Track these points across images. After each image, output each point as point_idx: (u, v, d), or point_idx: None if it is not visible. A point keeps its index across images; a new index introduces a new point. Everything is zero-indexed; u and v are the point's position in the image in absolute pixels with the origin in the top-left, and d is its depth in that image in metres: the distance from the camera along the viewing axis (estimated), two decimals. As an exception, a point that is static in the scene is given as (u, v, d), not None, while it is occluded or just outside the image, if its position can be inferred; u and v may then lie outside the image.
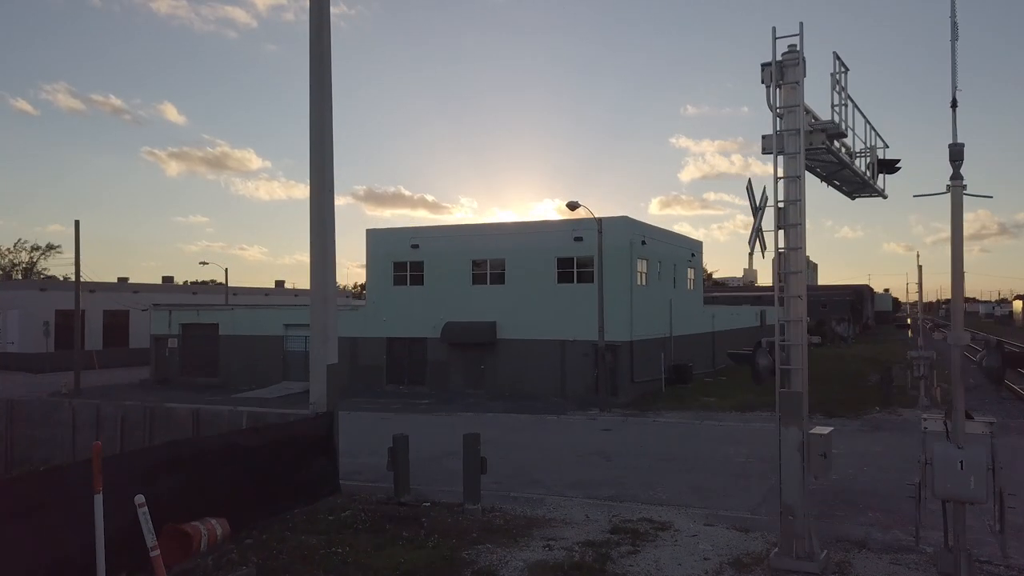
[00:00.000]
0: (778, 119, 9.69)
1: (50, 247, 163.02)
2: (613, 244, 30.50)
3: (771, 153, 9.74)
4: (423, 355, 35.20)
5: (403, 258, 35.70)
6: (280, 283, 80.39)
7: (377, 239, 36.74)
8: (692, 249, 41.39)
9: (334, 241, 15.62)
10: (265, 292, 71.81)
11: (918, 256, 67.23)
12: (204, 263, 66.20)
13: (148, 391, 38.31)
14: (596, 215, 30.04)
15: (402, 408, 29.86)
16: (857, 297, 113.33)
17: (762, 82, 9.69)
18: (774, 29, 9.57)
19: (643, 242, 32.83)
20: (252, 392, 35.91)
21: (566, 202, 26.44)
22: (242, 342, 39.38)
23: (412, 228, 36.25)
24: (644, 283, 33.40)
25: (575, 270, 32.32)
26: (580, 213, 27.70)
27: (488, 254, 34.04)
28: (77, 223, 36.53)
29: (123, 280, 63.37)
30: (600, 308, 27.80)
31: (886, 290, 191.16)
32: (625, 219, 32.42)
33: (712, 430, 23.63)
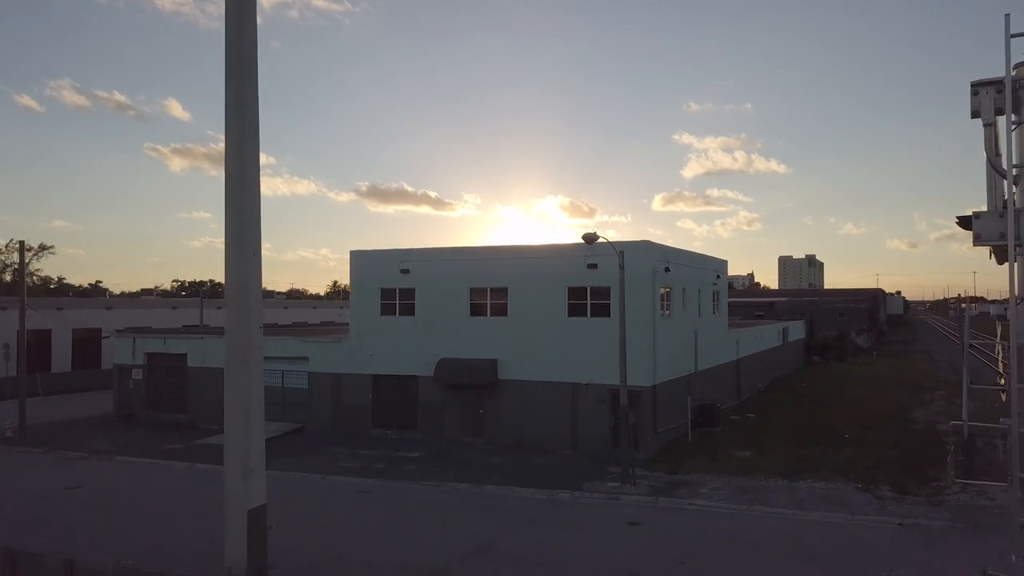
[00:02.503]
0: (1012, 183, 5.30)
1: (43, 247, 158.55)
2: (633, 273, 26.11)
3: (989, 244, 5.37)
4: (414, 395, 30.88)
5: (391, 284, 31.35)
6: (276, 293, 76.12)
7: (361, 262, 32.39)
8: (717, 270, 36.99)
9: (259, 251, 10.31)
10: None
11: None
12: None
13: (107, 430, 34.08)
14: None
15: (385, 469, 25.48)
16: (873, 303, 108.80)
17: (975, 115, 5.31)
18: (1007, 18, 5.15)
19: (666, 269, 28.44)
20: (220, 436, 31.54)
21: (582, 236, 22.00)
22: (213, 375, 34.99)
23: (401, 250, 31.88)
24: (667, 315, 29.03)
25: (588, 301, 27.96)
26: (592, 236, 23.28)
27: (488, 281, 29.67)
28: (22, 244, 32.20)
29: (97, 285, 59.25)
30: (622, 351, 23.44)
31: (897, 292, 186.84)
32: (647, 244, 28.05)
33: (770, 530, 18.56)
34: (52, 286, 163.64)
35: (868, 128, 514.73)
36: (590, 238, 21.58)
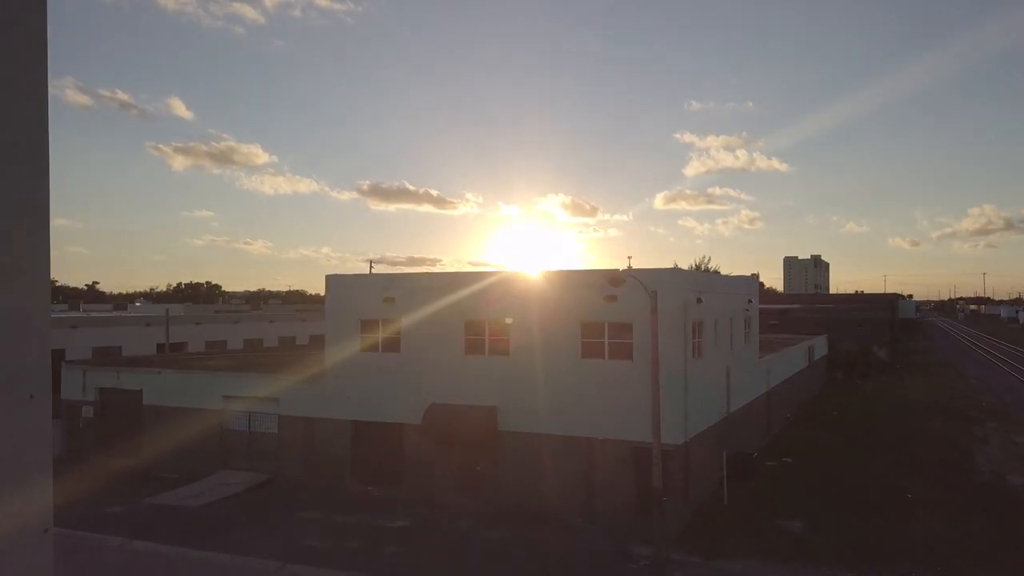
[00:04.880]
0: None
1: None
2: (662, 308, 21.47)
3: None
4: (399, 446, 26.31)
5: (373, 315, 26.78)
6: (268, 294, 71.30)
7: (339, 288, 27.83)
8: (748, 293, 32.39)
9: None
10: (243, 299, 62.62)
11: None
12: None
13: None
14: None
15: (361, 552, 20.86)
16: (892, 311, 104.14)
17: None
18: None
19: (698, 300, 23.85)
20: (174, 493, 27.03)
21: (605, 275, 17.38)
22: (171, 415, 30.51)
23: (386, 275, 27.36)
24: (699, 354, 24.46)
25: (606, 340, 23.37)
26: (618, 278, 18.57)
27: (487, 313, 25.10)
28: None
29: (94, 287, 54.70)
30: (656, 406, 18.90)
31: (909, 296, 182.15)
32: (677, 273, 23.55)
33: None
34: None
35: (869, 126, 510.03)
36: (616, 280, 17.02)
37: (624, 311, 22.74)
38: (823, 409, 45.82)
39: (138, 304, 61.93)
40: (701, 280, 25.12)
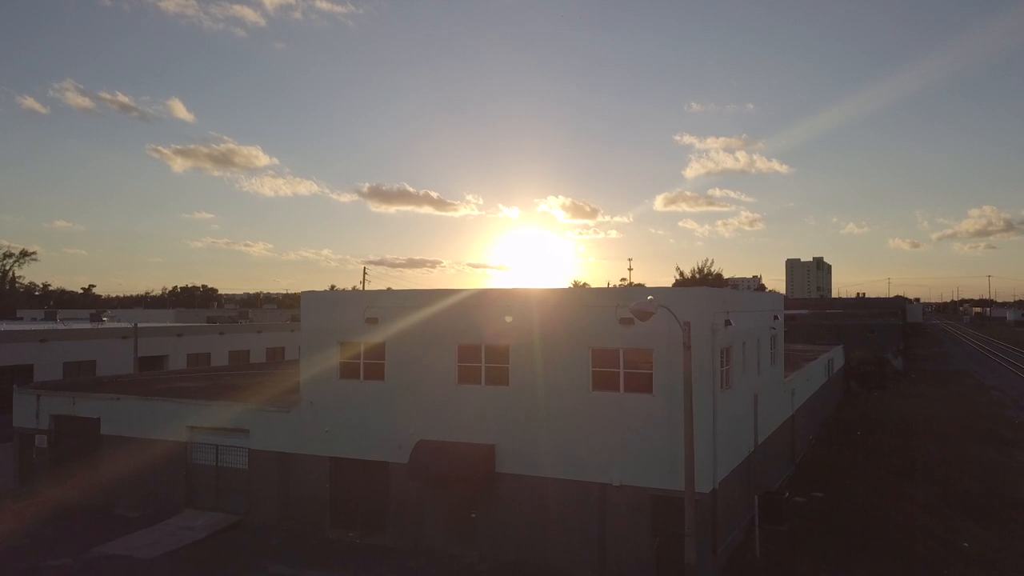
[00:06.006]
0: None
1: (24, 253, 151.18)
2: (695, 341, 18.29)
3: None
4: (384, 487, 23.09)
5: (354, 337, 23.57)
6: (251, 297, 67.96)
7: (315, 306, 24.63)
8: (774, 310, 29.22)
9: None
10: (239, 303, 59.09)
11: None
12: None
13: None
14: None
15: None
16: (903, 317, 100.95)
17: None
18: None
19: (727, 322, 20.65)
20: (128, 539, 23.79)
21: (631, 308, 14.14)
22: (131, 447, 27.31)
23: (369, 292, 24.21)
24: (727, 384, 21.27)
25: (621, 370, 20.16)
26: (645, 311, 15.23)
27: (483, 337, 21.89)
28: None
29: (90, 291, 51.40)
30: (689, 449, 15.74)
31: (916, 300, 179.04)
32: (704, 293, 20.37)
33: None
34: (36, 293, 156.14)
35: (869, 128, 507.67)
36: (643, 314, 13.78)
37: (643, 335, 19.55)
38: (846, 427, 42.67)
39: (105, 318, 58.52)
40: (729, 299, 21.92)
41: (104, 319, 58.21)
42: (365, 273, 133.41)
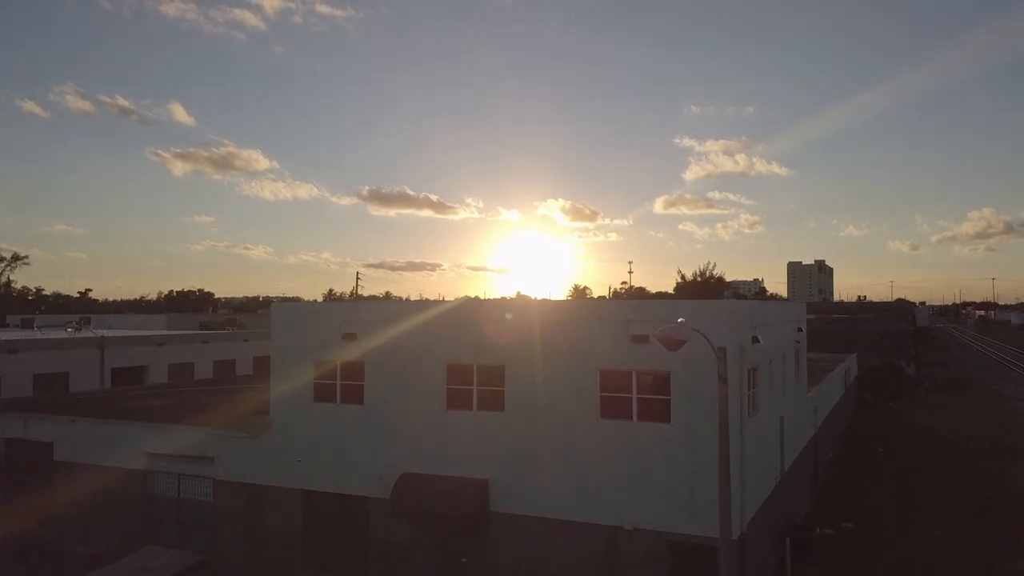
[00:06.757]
0: None
1: (16, 258, 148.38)
2: (711, 354, 15.62)
3: None
4: (364, 526, 20.37)
5: (330, 355, 20.86)
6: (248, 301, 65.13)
7: (287, 320, 21.93)
8: (798, 322, 26.54)
9: None
10: (233, 308, 56.03)
11: None
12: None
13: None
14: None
15: None
16: (912, 321, 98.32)
17: None
18: None
19: (755, 339, 17.96)
20: (76, 583, 21.08)
21: (658, 335, 11.39)
22: (86, 475, 24.59)
23: (346, 304, 21.54)
24: (754, 410, 18.58)
25: (634, 395, 17.47)
26: (675, 340, 12.41)
27: (475, 356, 19.18)
28: None
29: (86, 295, 48.66)
30: (725, 502, 13.07)
31: (922, 303, 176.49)
32: (732, 308, 17.76)
33: None
34: (30, 297, 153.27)
35: (868, 130, 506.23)
36: (673, 343, 11.10)
37: (658, 355, 16.81)
38: (866, 444, 39.98)
39: (71, 327, 55.67)
40: (755, 313, 19.23)
41: (70, 327, 55.23)
42: (358, 278, 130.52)
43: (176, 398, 32.44)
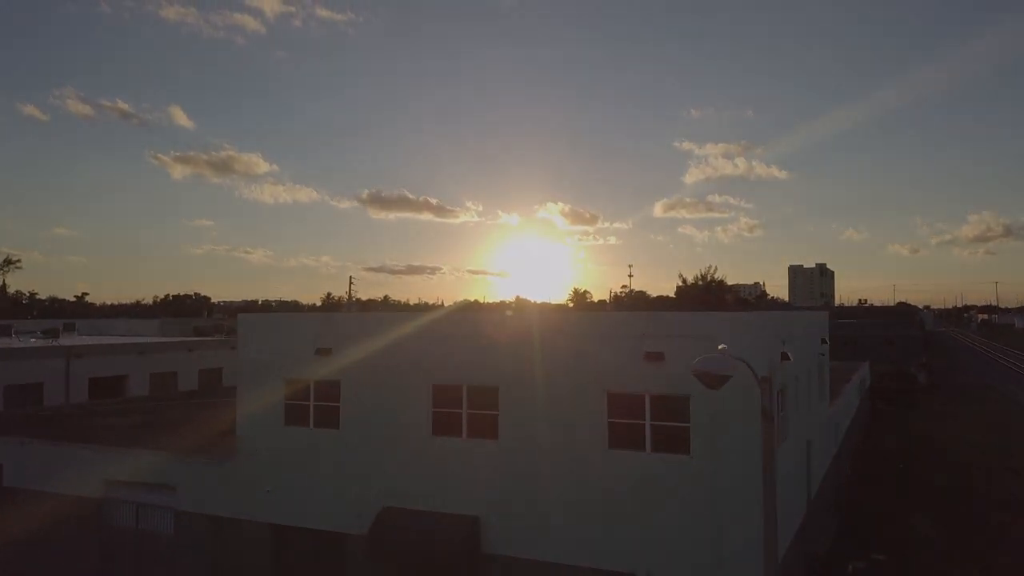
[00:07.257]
0: None
1: (8, 262, 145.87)
2: (744, 378, 13.30)
3: None
4: (339, 566, 18.02)
5: (302, 373, 18.55)
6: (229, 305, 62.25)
7: (255, 333, 19.61)
8: (820, 332, 24.25)
9: None
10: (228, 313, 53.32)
11: None
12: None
13: None
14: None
15: None
16: (921, 326, 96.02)
17: None
18: None
19: (783, 356, 15.65)
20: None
21: (695, 371, 9.13)
22: (36, 502, 22.25)
23: (320, 315, 19.31)
24: (783, 436, 16.26)
25: (647, 422, 15.15)
26: (719, 377, 10.08)
27: (465, 375, 16.86)
28: None
29: (83, 299, 46.32)
30: (771, 544, 10.75)
31: (927, 307, 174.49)
32: (761, 321, 15.47)
33: None
34: (24, 301, 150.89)
35: (867, 134, 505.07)
36: (714, 380, 8.79)
37: (676, 376, 14.55)
38: (885, 459, 37.63)
39: (32, 340, 53.20)
40: (783, 326, 16.93)
41: (34, 338, 52.74)
42: (351, 283, 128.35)
43: (151, 414, 30.09)
